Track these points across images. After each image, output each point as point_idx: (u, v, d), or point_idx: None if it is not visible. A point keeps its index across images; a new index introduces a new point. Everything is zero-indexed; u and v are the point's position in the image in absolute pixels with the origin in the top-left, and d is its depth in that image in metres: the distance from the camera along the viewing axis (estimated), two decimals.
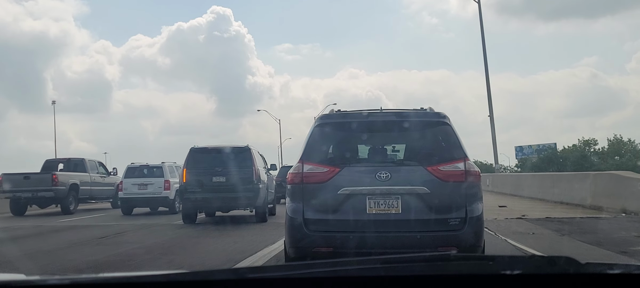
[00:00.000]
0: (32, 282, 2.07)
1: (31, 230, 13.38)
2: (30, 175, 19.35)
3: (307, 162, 5.82)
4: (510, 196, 22.65)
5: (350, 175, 5.74)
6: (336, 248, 5.60)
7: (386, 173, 5.66)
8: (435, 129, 6.08)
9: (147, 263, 7.91)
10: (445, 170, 5.68)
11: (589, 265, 1.80)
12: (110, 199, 22.46)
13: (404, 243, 5.52)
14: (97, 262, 7.99)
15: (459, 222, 5.59)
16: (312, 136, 6.00)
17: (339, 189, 5.64)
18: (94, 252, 9.12)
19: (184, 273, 2.00)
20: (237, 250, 8.72)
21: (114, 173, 22.85)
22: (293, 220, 5.76)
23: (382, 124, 6.26)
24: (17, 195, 18.86)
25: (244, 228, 12.35)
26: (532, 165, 46.59)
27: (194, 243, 10.04)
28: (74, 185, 19.73)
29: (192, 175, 13.72)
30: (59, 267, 7.65)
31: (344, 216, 5.63)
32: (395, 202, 5.61)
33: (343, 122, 6.25)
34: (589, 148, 53.78)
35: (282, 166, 24.44)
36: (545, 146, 63.63)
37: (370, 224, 5.60)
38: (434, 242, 5.53)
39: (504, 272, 1.76)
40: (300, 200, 5.74)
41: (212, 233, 11.68)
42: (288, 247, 5.92)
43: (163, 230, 12.73)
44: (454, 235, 5.59)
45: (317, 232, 5.67)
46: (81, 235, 11.95)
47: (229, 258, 7.93)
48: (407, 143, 6.53)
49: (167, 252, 9.03)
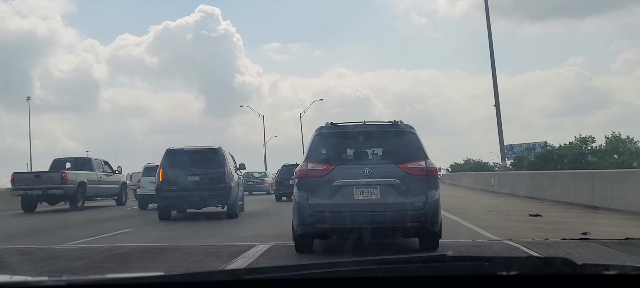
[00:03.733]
0: (28, 283, 2.07)
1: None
2: (40, 174, 20.23)
3: (310, 161, 7.63)
4: (527, 199, 19.08)
5: (342, 171, 7.52)
6: (332, 225, 7.47)
7: (368, 169, 7.48)
8: (405, 137, 7.97)
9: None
10: (411, 166, 7.51)
11: (585, 266, 1.80)
12: (115, 196, 23.15)
13: (381, 219, 7.37)
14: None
15: (421, 204, 7.37)
16: (313, 142, 7.90)
17: (334, 181, 7.41)
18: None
19: (181, 275, 2.00)
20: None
21: (119, 171, 23.52)
22: (300, 204, 7.48)
23: (365, 133, 8.24)
24: (29, 192, 19.59)
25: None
26: (529, 163, 46.13)
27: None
28: (81, 183, 20.42)
29: (168, 175, 14.33)
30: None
31: (338, 201, 7.38)
32: (375, 190, 7.41)
33: (336, 131, 8.15)
34: (585, 146, 52.76)
35: (283, 165, 24.29)
36: (535, 144, 63.03)
37: (357, 206, 7.35)
38: (403, 219, 7.36)
39: (500, 273, 1.76)
40: (305, 190, 7.50)
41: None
42: (296, 226, 7.59)
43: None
44: (418, 214, 7.35)
45: (318, 213, 7.39)
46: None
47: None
48: (383, 147, 8.36)
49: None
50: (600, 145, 53.31)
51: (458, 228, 10.84)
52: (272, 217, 14.87)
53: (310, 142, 8.00)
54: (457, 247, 8.19)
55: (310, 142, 8.00)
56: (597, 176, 16.23)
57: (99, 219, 16.12)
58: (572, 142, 52.18)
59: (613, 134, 54.37)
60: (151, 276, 2.02)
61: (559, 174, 22.53)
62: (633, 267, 1.85)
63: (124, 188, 23.53)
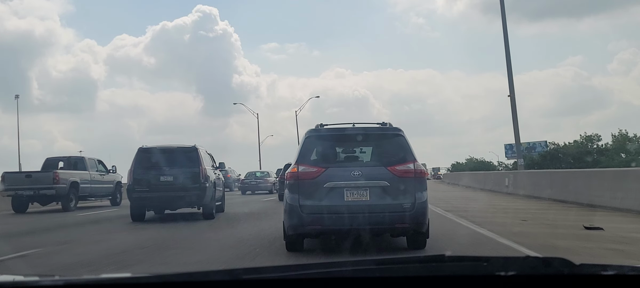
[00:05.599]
0: (26, 283, 2.07)
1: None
2: (31, 174, 19.76)
3: (301, 164, 7.71)
4: (555, 203, 16.11)
5: (333, 173, 7.63)
6: (323, 226, 7.58)
7: (358, 172, 7.61)
8: (393, 139, 8.03)
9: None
10: (400, 169, 7.63)
11: (583, 266, 1.80)
12: (110, 196, 22.70)
13: (371, 221, 7.46)
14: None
15: (410, 205, 7.48)
16: (304, 145, 7.96)
17: (324, 183, 7.52)
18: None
19: (179, 274, 2.00)
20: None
21: (113, 170, 23.05)
22: (291, 206, 7.58)
23: (354, 135, 8.24)
24: (19, 193, 19.20)
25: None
26: (534, 162, 45.38)
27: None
28: (74, 183, 20.03)
29: (140, 175, 14.02)
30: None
31: (328, 202, 7.48)
32: (365, 192, 7.53)
33: (326, 134, 8.20)
34: (591, 144, 51.27)
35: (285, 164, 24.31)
36: (535, 144, 62.30)
37: (347, 208, 7.47)
38: (392, 220, 7.47)
39: (498, 273, 1.76)
40: (296, 192, 7.60)
41: None
42: (287, 227, 7.68)
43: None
44: (406, 215, 7.44)
45: (309, 214, 7.48)
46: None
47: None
48: (373, 149, 8.46)
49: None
50: (606, 144, 52.02)
51: (498, 249, 7.92)
52: (258, 219, 13.74)
53: (301, 144, 8.11)
54: None
55: (301, 144, 8.11)
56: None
57: (59, 225, 14.13)
58: (576, 140, 50.99)
59: (619, 132, 53.28)
60: (149, 276, 2.02)
61: (599, 173, 18.53)
62: (631, 267, 1.85)
63: (118, 187, 22.90)
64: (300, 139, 8.25)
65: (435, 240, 8.33)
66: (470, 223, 11.48)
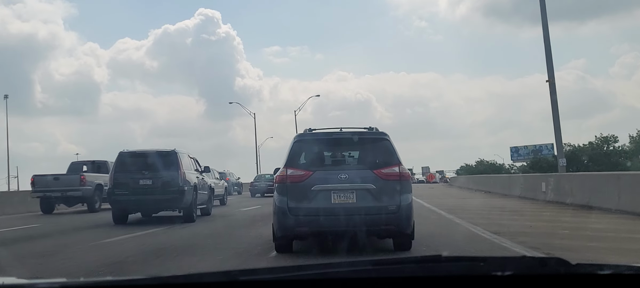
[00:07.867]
0: (22, 285, 2.06)
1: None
2: (59, 177, 20.34)
3: (289, 167, 7.89)
4: (623, 215, 12.28)
5: (320, 176, 7.81)
6: (311, 228, 7.74)
7: (345, 175, 7.81)
8: (379, 143, 8.24)
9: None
10: (385, 172, 7.80)
11: (580, 266, 1.80)
12: None
13: (357, 222, 7.55)
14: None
15: (395, 207, 7.67)
16: (293, 148, 8.13)
17: (312, 186, 7.67)
18: None
19: (176, 277, 1.99)
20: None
21: None
22: (280, 208, 7.73)
23: (341, 140, 8.48)
24: (47, 194, 19.87)
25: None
26: (549, 164, 44.48)
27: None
28: (99, 186, 20.47)
29: (120, 178, 14.31)
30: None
31: (316, 205, 7.65)
32: (351, 194, 7.69)
33: (314, 138, 8.45)
34: (608, 146, 49.90)
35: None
36: (541, 146, 61.71)
37: (334, 210, 7.62)
38: (378, 222, 7.64)
39: (495, 273, 1.76)
40: (285, 194, 7.76)
41: None
42: (276, 229, 7.83)
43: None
44: (392, 217, 7.63)
45: (297, 216, 7.65)
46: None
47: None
48: (359, 153, 8.63)
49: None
50: (623, 145, 50.64)
51: None
52: (247, 227, 12.50)
53: (289, 148, 8.24)
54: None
55: (289, 148, 8.24)
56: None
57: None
58: (591, 142, 49.62)
59: (638, 133, 51.95)
60: (146, 278, 2.01)
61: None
62: (627, 267, 1.85)
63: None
64: (289, 143, 8.43)
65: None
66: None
